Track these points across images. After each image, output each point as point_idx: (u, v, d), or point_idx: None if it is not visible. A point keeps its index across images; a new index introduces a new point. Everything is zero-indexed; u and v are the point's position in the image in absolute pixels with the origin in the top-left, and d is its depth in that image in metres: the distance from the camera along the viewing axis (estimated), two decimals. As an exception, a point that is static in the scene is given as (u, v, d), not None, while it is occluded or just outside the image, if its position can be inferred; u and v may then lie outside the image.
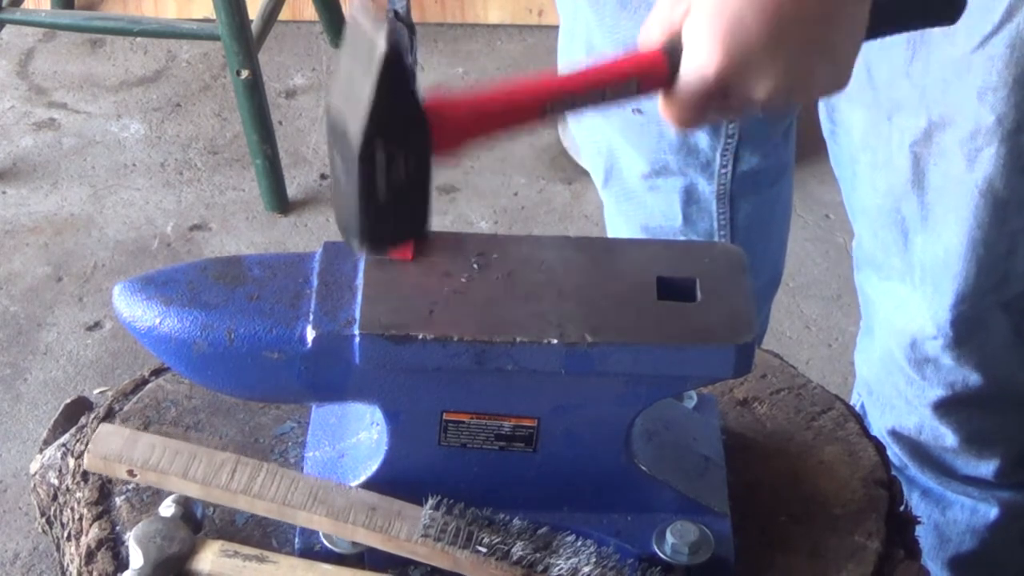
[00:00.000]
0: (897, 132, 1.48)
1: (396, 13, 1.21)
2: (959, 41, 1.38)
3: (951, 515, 1.79)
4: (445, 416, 1.24)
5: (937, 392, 1.65)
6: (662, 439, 1.31)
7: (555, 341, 1.18)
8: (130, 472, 1.28)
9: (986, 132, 1.42)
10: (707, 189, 1.76)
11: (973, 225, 1.48)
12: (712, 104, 1.15)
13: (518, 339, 1.18)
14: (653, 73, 1.17)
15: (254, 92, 2.86)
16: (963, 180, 1.46)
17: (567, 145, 3.10)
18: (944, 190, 1.48)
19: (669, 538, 1.26)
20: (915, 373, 1.64)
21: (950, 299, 1.55)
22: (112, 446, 1.28)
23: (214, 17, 2.82)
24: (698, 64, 1.13)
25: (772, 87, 1.13)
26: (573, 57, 1.73)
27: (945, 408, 1.66)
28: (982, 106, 1.41)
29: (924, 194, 1.50)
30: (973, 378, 1.62)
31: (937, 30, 1.38)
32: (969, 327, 1.58)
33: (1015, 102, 1.40)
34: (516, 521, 1.25)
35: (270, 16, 2.99)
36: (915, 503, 1.77)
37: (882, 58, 1.43)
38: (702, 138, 1.71)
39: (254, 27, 2.88)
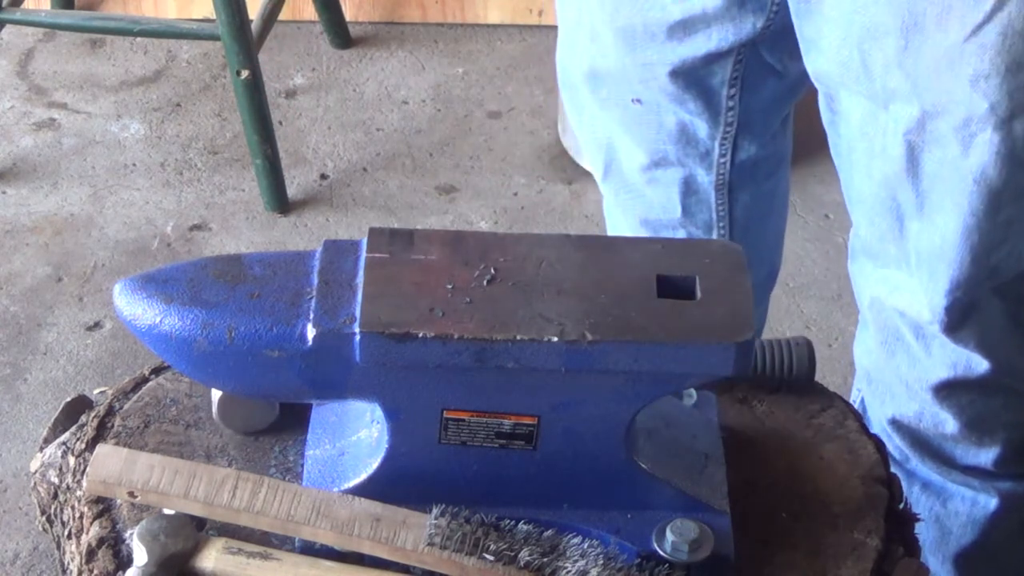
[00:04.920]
0: (892, 121, 1.49)
1: None
2: (951, 30, 1.39)
3: (952, 507, 1.79)
4: (445, 414, 1.24)
5: (939, 374, 1.65)
6: (662, 437, 1.31)
7: (555, 339, 1.18)
8: (131, 494, 1.28)
9: (979, 120, 1.43)
10: (706, 179, 1.77)
11: (967, 212, 1.49)
12: None
13: (518, 337, 1.18)
14: None
15: (254, 92, 2.86)
16: (958, 167, 1.47)
17: (567, 145, 3.10)
18: (938, 178, 1.49)
19: (669, 536, 1.26)
20: (920, 348, 1.64)
21: (945, 285, 1.56)
22: (111, 468, 1.28)
23: (214, 17, 2.82)
24: None
25: None
26: (575, 47, 1.73)
27: (946, 391, 1.67)
28: (975, 94, 1.42)
29: (919, 182, 1.51)
30: (975, 360, 1.63)
31: (931, 19, 1.39)
32: (964, 313, 1.58)
33: (1008, 90, 1.41)
34: (521, 526, 1.26)
35: (270, 16, 2.99)
36: (916, 497, 1.78)
37: (876, 48, 1.44)
38: (701, 127, 1.71)
39: (254, 27, 2.88)
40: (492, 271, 1.24)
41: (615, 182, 1.83)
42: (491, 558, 1.23)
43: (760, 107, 1.72)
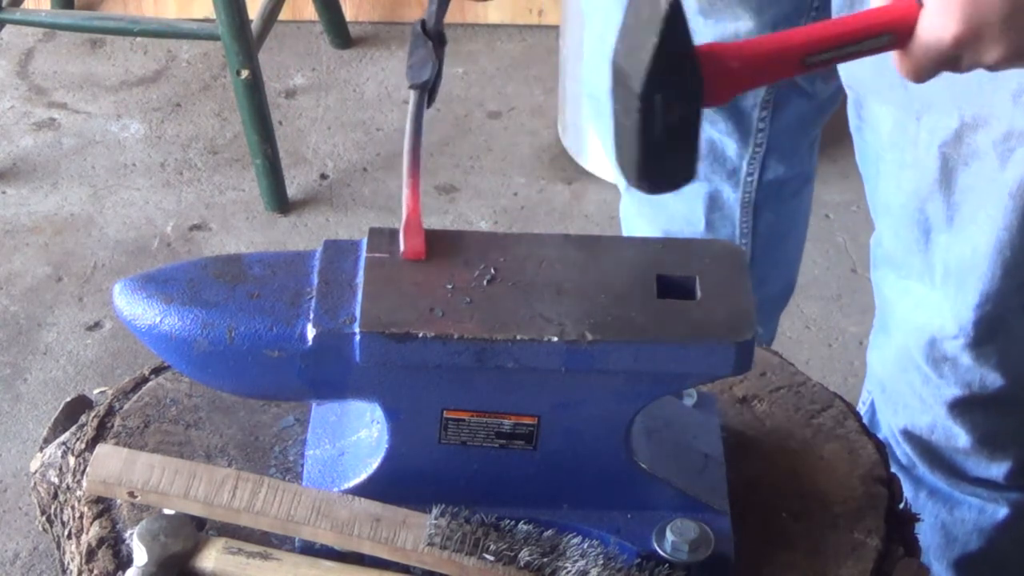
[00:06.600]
0: (925, 132, 1.48)
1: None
2: None
3: (958, 514, 1.78)
4: (445, 414, 1.24)
5: (953, 391, 1.64)
6: (662, 437, 1.31)
7: (555, 339, 1.18)
8: (131, 494, 1.28)
9: (1020, 134, 1.42)
10: (732, 196, 1.76)
11: (1002, 226, 1.48)
12: (945, 65, 1.21)
13: (518, 337, 1.18)
14: (907, 28, 1.21)
15: (254, 92, 2.86)
16: (995, 180, 1.46)
17: (567, 145, 3.10)
18: (973, 191, 1.48)
19: (669, 536, 1.26)
20: (932, 371, 1.63)
21: (975, 299, 1.54)
22: (111, 468, 1.28)
23: (214, 17, 2.82)
24: (937, 28, 1.18)
25: (1003, 56, 1.19)
26: (604, 60, 1.73)
27: (961, 408, 1.66)
28: (1016, 108, 1.41)
29: (951, 195, 1.50)
30: (991, 378, 1.62)
31: None
32: (992, 327, 1.57)
33: None
34: (521, 526, 1.26)
35: (270, 16, 2.99)
36: (922, 502, 1.77)
37: None
38: (730, 146, 1.71)
39: (254, 27, 2.88)
40: (492, 271, 1.24)
41: (639, 192, 1.82)
42: (491, 558, 1.23)
43: (789, 129, 1.72)
